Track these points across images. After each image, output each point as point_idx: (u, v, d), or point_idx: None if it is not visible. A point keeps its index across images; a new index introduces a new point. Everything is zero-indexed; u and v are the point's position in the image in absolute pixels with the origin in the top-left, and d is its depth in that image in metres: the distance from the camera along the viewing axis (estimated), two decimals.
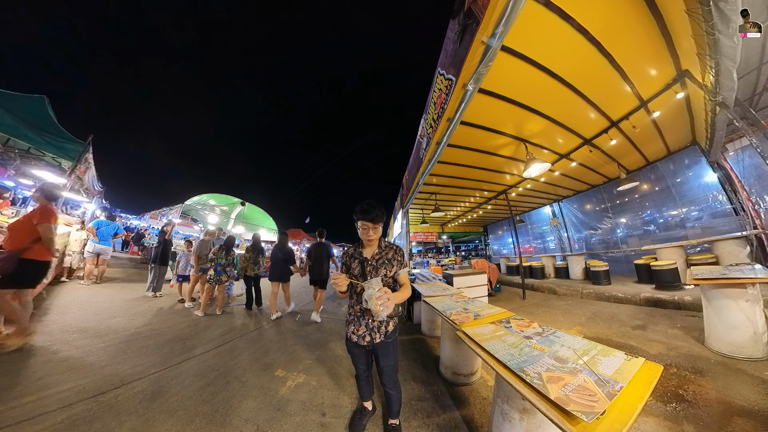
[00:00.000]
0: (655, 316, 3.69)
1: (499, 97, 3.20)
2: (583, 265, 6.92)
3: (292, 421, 1.83)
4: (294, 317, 4.67)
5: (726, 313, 2.46)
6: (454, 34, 2.20)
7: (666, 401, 1.85)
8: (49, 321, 3.35)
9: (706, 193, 5.48)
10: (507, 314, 2.03)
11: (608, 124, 4.06)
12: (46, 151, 4.91)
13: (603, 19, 2.39)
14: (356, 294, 1.61)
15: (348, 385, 2.33)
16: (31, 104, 4.34)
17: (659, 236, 6.36)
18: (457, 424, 1.81)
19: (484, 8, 1.63)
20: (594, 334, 3.28)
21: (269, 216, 12.28)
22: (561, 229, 9.48)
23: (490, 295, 5.45)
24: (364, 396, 1.83)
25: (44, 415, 1.73)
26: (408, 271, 1.66)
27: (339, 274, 1.48)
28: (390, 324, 1.60)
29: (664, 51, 2.78)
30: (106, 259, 5.83)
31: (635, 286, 5.23)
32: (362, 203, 1.54)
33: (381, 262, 1.59)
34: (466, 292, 3.50)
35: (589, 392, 0.96)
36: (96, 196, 7.68)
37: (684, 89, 3.31)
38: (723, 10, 1.93)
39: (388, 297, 1.39)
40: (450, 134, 2.81)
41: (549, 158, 5.07)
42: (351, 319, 1.66)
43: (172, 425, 1.73)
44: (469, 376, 2.33)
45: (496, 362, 1.27)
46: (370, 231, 1.53)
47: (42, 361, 2.39)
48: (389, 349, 1.60)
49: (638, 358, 1.18)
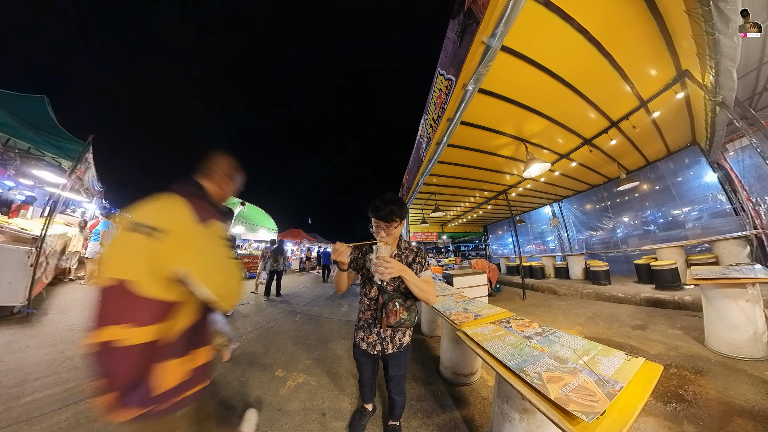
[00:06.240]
0: (655, 316, 3.69)
1: (499, 97, 3.19)
2: (583, 265, 6.92)
3: (292, 421, 1.83)
4: (294, 317, 4.67)
5: (726, 313, 2.46)
6: (454, 34, 2.20)
7: (666, 401, 1.85)
8: (50, 321, 3.34)
9: (706, 193, 5.48)
10: (507, 314, 2.03)
11: (608, 124, 4.06)
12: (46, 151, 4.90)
13: (603, 19, 2.39)
14: (368, 299, 1.46)
15: (348, 386, 2.33)
16: (31, 104, 4.33)
17: (659, 236, 6.36)
18: (457, 424, 1.81)
19: (484, 8, 1.63)
20: (594, 334, 3.28)
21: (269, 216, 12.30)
22: (561, 229, 9.48)
23: (490, 295, 5.45)
24: (365, 399, 1.80)
25: (44, 415, 1.73)
26: (431, 274, 1.46)
27: (341, 243, 1.25)
28: (406, 335, 1.46)
29: (664, 51, 2.78)
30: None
31: (635, 286, 5.23)
32: (378, 196, 1.30)
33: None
34: (466, 292, 3.50)
35: (589, 392, 0.96)
36: (96, 196, 7.68)
37: (684, 89, 3.31)
38: (723, 10, 1.93)
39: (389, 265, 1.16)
40: (450, 134, 2.81)
41: (549, 158, 5.07)
42: (361, 325, 1.49)
43: None
44: (469, 376, 2.33)
45: (496, 362, 1.27)
46: (382, 230, 1.29)
47: (42, 361, 2.39)
48: (401, 359, 1.48)
49: (638, 358, 1.18)
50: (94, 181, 6.68)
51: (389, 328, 1.39)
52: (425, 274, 1.40)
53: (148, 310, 0.78)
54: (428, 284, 1.33)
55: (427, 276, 1.40)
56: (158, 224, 0.80)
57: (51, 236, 4.05)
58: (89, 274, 5.48)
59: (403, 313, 1.33)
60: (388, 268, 1.16)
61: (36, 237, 3.59)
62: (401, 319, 1.33)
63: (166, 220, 0.82)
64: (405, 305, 1.35)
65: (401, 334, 1.45)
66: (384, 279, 1.26)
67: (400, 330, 1.45)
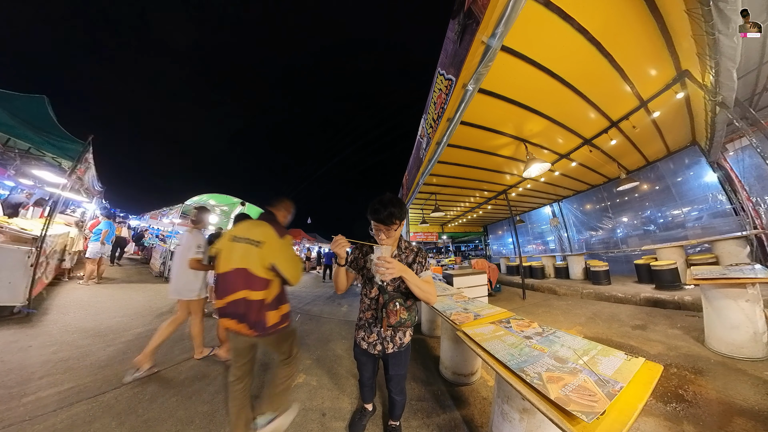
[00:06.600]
0: (655, 316, 3.69)
1: (499, 97, 3.20)
2: (583, 265, 6.92)
3: (292, 421, 1.83)
4: (294, 317, 4.67)
5: (726, 313, 2.46)
6: (454, 34, 2.20)
7: (666, 401, 1.85)
8: (50, 321, 3.35)
9: (706, 193, 5.48)
10: (507, 314, 2.03)
11: (608, 124, 4.06)
12: (46, 151, 4.90)
13: (603, 19, 2.39)
14: (368, 299, 1.46)
15: (348, 386, 2.33)
16: (31, 104, 4.33)
17: (659, 236, 6.36)
18: (457, 424, 1.81)
19: (484, 8, 1.63)
20: (594, 334, 3.28)
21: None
22: (561, 229, 9.48)
23: (490, 295, 5.45)
24: (365, 399, 1.80)
25: (44, 415, 1.73)
26: (431, 274, 1.47)
27: (340, 236, 1.25)
28: (406, 335, 1.47)
29: (664, 51, 2.78)
30: (105, 260, 5.86)
31: (635, 286, 5.23)
32: (377, 198, 1.29)
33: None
34: (466, 292, 3.50)
35: (589, 392, 0.96)
36: (96, 196, 7.68)
37: (684, 89, 3.31)
38: (723, 10, 1.93)
39: (390, 266, 1.16)
40: (450, 134, 2.81)
41: (549, 158, 5.07)
42: (361, 325, 1.50)
43: (172, 425, 1.73)
44: (469, 376, 2.33)
45: (496, 362, 1.27)
46: (382, 233, 1.30)
47: (42, 361, 2.39)
48: (401, 359, 1.48)
49: (638, 358, 1.18)
50: (94, 181, 6.68)
51: (390, 328, 1.39)
52: (426, 274, 1.40)
53: (259, 283, 1.48)
54: (429, 284, 1.33)
55: (427, 276, 1.40)
56: (260, 239, 1.52)
57: (51, 236, 4.05)
58: (88, 274, 5.47)
59: (404, 313, 1.33)
60: (389, 268, 1.16)
61: (36, 237, 3.59)
62: (402, 318, 1.33)
63: (262, 237, 1.54)
64: (405, 305, 1.35)
65: (402, 333, 1.45)
66: (385, 279, 1.26)
67: (400, 330, 1.45)
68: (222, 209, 10.23)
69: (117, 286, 5.81)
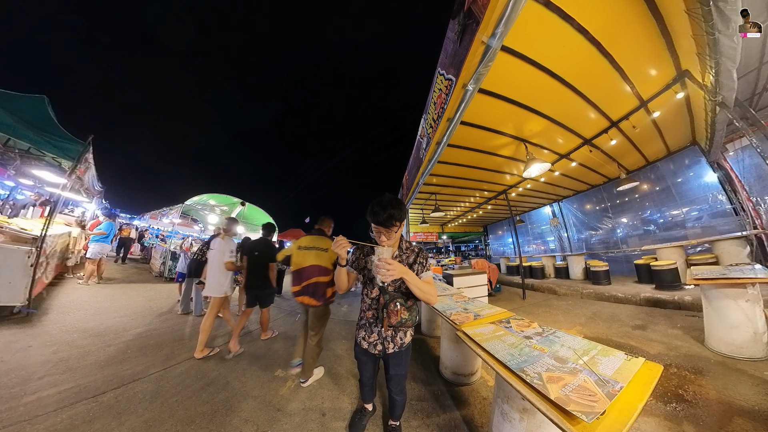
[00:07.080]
0: (655, 316, 3.69)
1: (499, 97, 3.20)
2: (583, 265, 6.92)
3: (292, 421, 1.83)
4: (294, 317, 4.67)
5: (726, 313, 2.46)
6: (454, 34, 2.20)
7: (666, 401, 1.85)
8: (50, 321, 3.35)
9: (706, 193, 5.48)
10: (507, 314, 2.03)
11: (608, 124, 4.06)
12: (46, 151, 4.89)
13: (603, 19, 2.39)
14: (369, 299, 1.47)
15: (348, 386, 2.33)
16: (31, 104, 4.32)
17: (659, 236, 6.36)
18: (457, 424, 1.81)
19: (484, 8, 1.63)
20: (594, 334, 3.28)
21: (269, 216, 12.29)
22: (561, 229, 9.48)
23: (490, 295, 5.45)
24: (366, 399, 1.81)
25: (44, 415, 1.73)
26: (432, 275, 1.46)
27: (341, 237, 1.26)
28: (407, 335, 1.48)
29: (664, 51, 2.78)
30: (105, 260, 5.86)
31: (635, 286, 5.23)
32: (376, 200, 1.29)
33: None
34: (466, 292, 3.50)
35: (589, 392, 0.96)
36: (96, 196, 7.68)
37: (684, 89, 3.31)
38: (723, 10, 1.93)
39: (391, 268, 1.17)
40: (450, 134, 2.81)
41: (549, 158, 5.07)
42: (362, 324, 1.51)
43: (172, 425, 1.73)
44: (469, 376, 2.33)
45: (496, 362, 1.27)
46: (382, 235, 1.30)
47: (42, 361, 2.39)
48: (402, 359, 1.48)
49: (638, 358, 1.18)
50: (94, 181, 6.68)
51: (390, 328, 1.40)
52: (426, 274, 1.40)
53: (327, 272, 2.34)
54: (429, 285, 1.33)
55: (428, 277, 1.39)
56: (326, 247, 2.40)
57: (51, 236, 4.05)
58: (88, 274, 5.47)
59: (405, 313, 1.34)
60: (390, 270, 1.16)
61: (36, 237, 3.59)
62: (402, 318, 1.33)
63: (326, 245, 2.41)
64: (406, 305, 1.36)
65: (402, 333, 1.46)
66: (386, 281, 1.26)
67: (401, 330, 1.45)
68: (222, 209, 10.24)
69: (117, 286, 5.81)
